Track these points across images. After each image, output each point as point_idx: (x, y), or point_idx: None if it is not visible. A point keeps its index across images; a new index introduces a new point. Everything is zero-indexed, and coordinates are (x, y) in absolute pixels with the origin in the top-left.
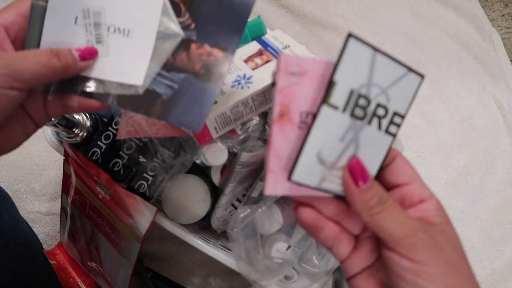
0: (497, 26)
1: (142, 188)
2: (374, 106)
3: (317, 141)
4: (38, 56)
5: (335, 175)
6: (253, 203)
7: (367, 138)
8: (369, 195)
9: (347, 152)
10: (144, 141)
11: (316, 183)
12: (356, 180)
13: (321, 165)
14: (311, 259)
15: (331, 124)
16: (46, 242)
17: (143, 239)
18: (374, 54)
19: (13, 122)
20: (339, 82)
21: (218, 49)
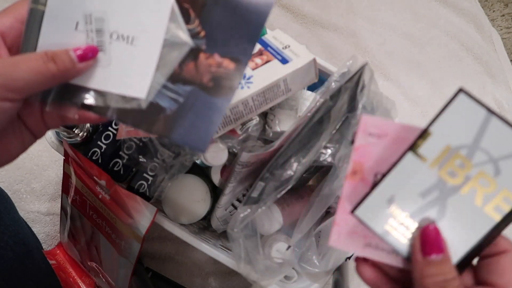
0: (497, 26)
1: (142, 188)
2: (475, 173)
3: (393, 185)
4: (32, 61)
5: (406, 233)
6: (253, 203)
7: (459, 208)
8: (433, 271)
9: (428, 213)
10: (144, 141)
11: (380, 230)
12: (425, 248)
13: (391, 213)
14: (311, 259)
15: (413, 174)
16: (46, 242)
17: (143, 239)
18: (488, 116)
19: (8, 134)
20: (434, 133)
21: (230, 60)
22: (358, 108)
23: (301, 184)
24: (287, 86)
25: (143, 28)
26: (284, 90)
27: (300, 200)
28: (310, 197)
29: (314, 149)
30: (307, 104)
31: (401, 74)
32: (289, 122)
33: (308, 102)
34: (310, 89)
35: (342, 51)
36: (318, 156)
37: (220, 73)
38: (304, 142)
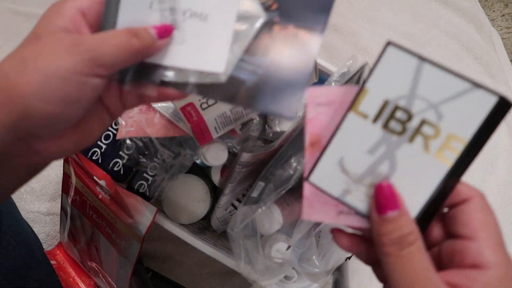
0: (497, 26)
1: (142, 188)
2: (417, 121)
3: (340, 147)
4: (117, 38)
5: (362, 191)
6: (253, 203)
7: (409, 159)
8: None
9: (380, 169)
10: (144, 141)
11: (338, 193)
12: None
13: (344, 174)
14: (311, 259)
15: (357, 132)
16: (46, 242)
17: (143, 239)
18: (420, 63)
19: (93, 115)
20: (371, 90)
21: (305, 30)
22: None
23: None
24: None
25: (216, 4)
26: None
27: (300, 200)
28: None
29: None
30: None
31: None
32: (289, 122)
33: None
34: None
35: (342, 51)
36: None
37: (297, 43)
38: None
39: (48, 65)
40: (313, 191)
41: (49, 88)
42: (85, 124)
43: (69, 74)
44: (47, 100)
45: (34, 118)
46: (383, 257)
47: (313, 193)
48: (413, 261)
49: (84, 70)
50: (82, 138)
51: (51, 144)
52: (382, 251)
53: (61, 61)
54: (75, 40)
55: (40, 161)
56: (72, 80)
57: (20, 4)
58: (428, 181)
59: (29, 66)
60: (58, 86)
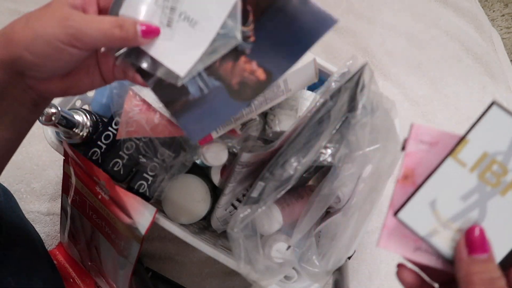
0: (497, 26)
1: (142, 188)
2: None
3: (434, 189)
4: (101, 24)
5: (448, 235)
6: (253, 203)
7: (498, 210)
8: (479, 268)
9: (469, 215)
10: (144, 141)
11: (424, 232)
12: (471, 247)
13: (434, 216)
14: (311, 259)
15: (454, 178)
16: (46, 242)
17: (142, 239)
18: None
19: (81, 73)
20: (472, 141)
21: (263, 70)
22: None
23: (301, 184)
24: (287, 86)
25: (206, 15)
26: (284, 90)
27: (300, 200)
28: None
29: (314, 149)
30: (307, 104)
31: (401, 74)
32: (289, 122)
33: (308, 102)
34: (310, 89)
35: (342, 51)
36: (318, 156)
37: (249, 80)
38: (304, 142)
39: (40, 28)
40: (395, 222)
41: (36, 45)
42: (73, 78)
43: (52, 39)
44: (33, 52)
45: (23, 62)
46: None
47: (396, 224)
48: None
49: (64, 39)
50: (70, 87)
51: (40, 84)
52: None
53: (50, 28)
54: (67, 15)
55: (36, 96)
56: (53, 44)
57: (20, 4)
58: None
59: (29, 25)
60: (41, 46)
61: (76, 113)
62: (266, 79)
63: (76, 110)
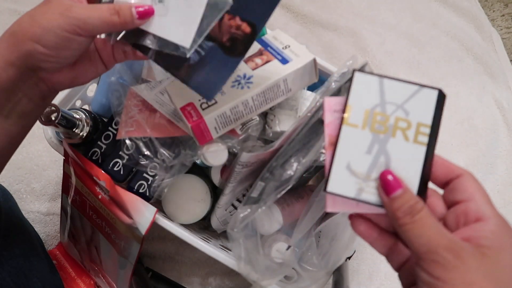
0: (497, 26)
1: (142, 188)
2: (393, 120)
3: (345, 155)
4: (101, 12)
5: (372, 185)
6: (253, 203)
7: (397, 150)
8: (398, 203)
9: (378, 163)
10: (144, 141)
11: (353, 193)
12: (387, 190)
13: (354, 176)
14: (311, 259)
15: (354, 139)
16: (46, 242)
17: (142, 239)
18: (380, 80)
19: (85, 61)
20: (353, 105)
21: (247, 24)
22: None
23: (301, 184)
24: (287, 86)
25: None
26: (284, 90)
27: (300, 200)
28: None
29: (314, 149)
30: (307, 104)
31: (401, 74)
32: (289, 122)
33: (308, 102)
34: (310, 89)
35: (342, 51)
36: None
37: (237, 35)
38: (304, 142)
39: (47, 22)
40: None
41: (46, 38)
42: (79, 67)
43: (59, 31)
44: (44, 45)
45: (36, 55)
46: (400, 228)
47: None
48: (426, 222)
49: (69, 29)
50: (77, 76)
51: (52, 76)
52: (398, 223)
53: (55, 21)
54: (68, 7)
55: (46, 90)
56: (61, 35)
57: (20, 4)
58: (415, 162)
59: (35, 21)
60: (51, 38)
61: (76, 113)
62: (251, 31)
63: (76, 110)
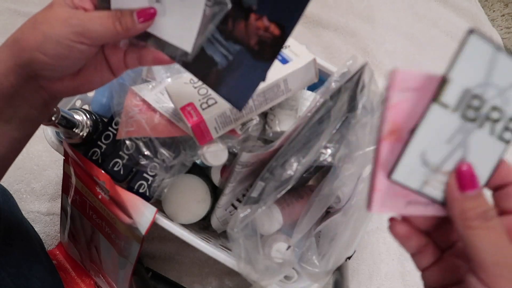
0: (497, 26)
1: (142, 188)
2: (488, 108)
3: (423, 141)
4: (104, 20)
5: (438, 179)
6: (253, 203)
7: (478, 144)
8: (473, 204)
9: (454, 156)
10: (144, 141)
11: (417, 185)
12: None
13: (425, 167)
14: (311, 259)
15: (439, 124)
16: (46, 242)
17: (142, 240)
18: (495, 52)
19: (90, 69)
20: (454, 79)
21: (276, 25)
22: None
23: (301, 184)
24: (287, 86)
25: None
26: (284, 90)
27: (300, 200)
28: (310, 197)
29: (314, 149)
30: (307, 104)
31: None
32: (289, 122)
33: (308, 102)
34: (310, 89)
35: (342, 51)
36: (318, 156)
37: (265, 38)
38: (304, 142)
39: (49, 30)
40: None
41: (47, 46)
42: (83, 75)
43: (61, 39)
44: (45, 53)
45: (36, 64)
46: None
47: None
48: (498, 232)
49: (72, 38)
50: (81, 85)
51: (53, 84)
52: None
53: (57, 29)
54: (71, 15)
55: (47, 97)
56: (63, 43)
57: (20, 4)
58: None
59: (37, 28)
60: (53, 46)
61: (76, 113)
62: (281, 33)
63: (76, 110)
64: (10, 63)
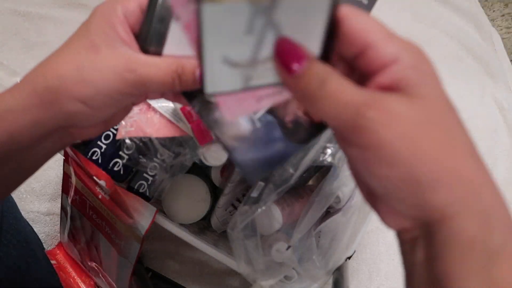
0: (497, 26)
1: (142, 188)
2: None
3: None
4: (162, 72)
5: (263, 69)
6: (253, 203)
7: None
8: (306, 80)
9: (267, 40)
10: (144, 141)
11: (240, 85)
12: (288, 65)
13: (237, 68)
14: (311, 259)
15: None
16: (46, 242)
17: (142, 239)
18: None
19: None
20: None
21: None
22: None
23: (301, 184)
24: None
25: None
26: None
27: (300, 200)
28: (310, 197)
29: (314, 149)
30: None
31: None
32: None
33: None
34: None
35: None
36: (318, 156)
37: (302, 120)
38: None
39: (102, 82)
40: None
41: (96, 99)
42: (117, 117)
43: (117, 94)
44: (91, 106)
45: (77, 118)
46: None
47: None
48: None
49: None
50: (108, 125)
51: (83, 131)
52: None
53: (113, 83)
54: (129, 65)
55: (70, 141)
56: (117, 97)
57: (20, 4)
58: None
59: (86, 78)
60: (102, 99)
61: None
62: (320, 122)
63: None
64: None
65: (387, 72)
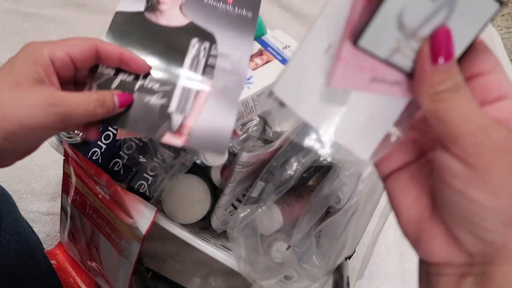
0: (497, 26)
1: (142, 188)
2: None
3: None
4: (87, 105)
5: (411, 46)
6: (253, 203)
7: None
8: (444, 77)
9: (435, 18)
10: (144, 141)
11: (386, 54)
12: (436, 55)
13: (399, 30)
14: (311, 259)
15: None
16: (46, 242)
17: (143, 239)
18: None
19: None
20: None
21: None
22: None
23: (301, 184)
24: None
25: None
26: None
27: (300, 200)
28: (310, 197)
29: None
30: None
31: None
32: (290, 122)
33: None
34: None
35: None
36: (318, 156)
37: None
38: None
39: (26, 118)
40: (353, 54)
41: (19, 134)
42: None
43: (42, 129)
44: (14, 142)
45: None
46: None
47: (353, 56)
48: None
49: (56, 126)
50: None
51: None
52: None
53: (37, 118)
54: (52, 100)
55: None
56: (38, 131)
57: (20, 4)
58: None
59: (8, 115)
60: (25, 134)
61: None
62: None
63: None
64: None
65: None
